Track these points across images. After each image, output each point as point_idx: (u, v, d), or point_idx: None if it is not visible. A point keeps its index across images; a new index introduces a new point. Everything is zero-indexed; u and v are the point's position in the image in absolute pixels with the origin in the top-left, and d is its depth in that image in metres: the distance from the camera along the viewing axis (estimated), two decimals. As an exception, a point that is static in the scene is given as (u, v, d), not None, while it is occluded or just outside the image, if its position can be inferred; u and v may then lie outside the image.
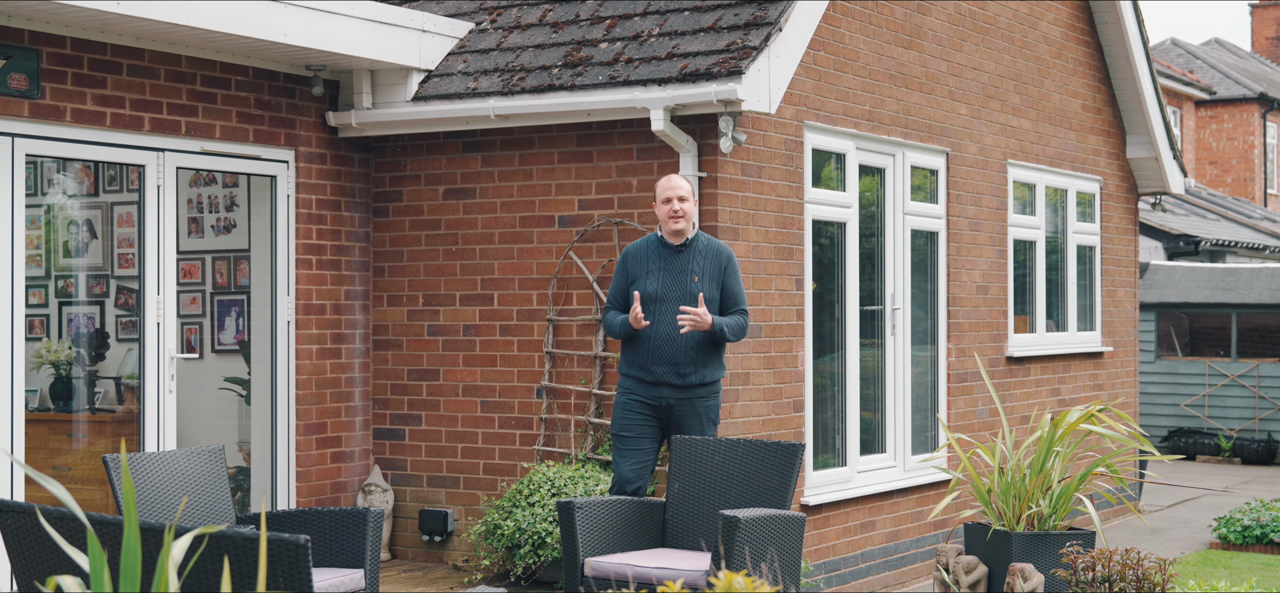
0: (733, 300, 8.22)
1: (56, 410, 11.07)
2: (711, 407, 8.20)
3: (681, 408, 8.12)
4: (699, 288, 8.13)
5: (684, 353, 8.09)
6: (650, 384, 8.13)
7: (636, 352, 8.16)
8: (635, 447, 8.16)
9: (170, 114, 9.19)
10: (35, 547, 5.18)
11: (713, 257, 8.22)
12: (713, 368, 8.18)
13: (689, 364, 8.10)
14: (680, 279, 8.16)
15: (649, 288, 8.17)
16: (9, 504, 5.13)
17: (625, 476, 8.14)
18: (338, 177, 10.22)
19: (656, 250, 8.26)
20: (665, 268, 8.20)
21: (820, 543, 10.04)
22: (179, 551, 4.02)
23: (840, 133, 10.33)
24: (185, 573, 4.20)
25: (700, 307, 8.02)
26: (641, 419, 8.15)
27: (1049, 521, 8.16)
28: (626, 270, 8.30)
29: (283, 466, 9.89)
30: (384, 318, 10.39)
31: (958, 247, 11.63)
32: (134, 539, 3.91)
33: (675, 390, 8.11)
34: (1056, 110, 13.13)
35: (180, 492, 7.09)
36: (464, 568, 9.96)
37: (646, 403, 8.14)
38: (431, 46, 10.11)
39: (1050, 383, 12.97)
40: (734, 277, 8.25)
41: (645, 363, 8.13)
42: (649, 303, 8.14)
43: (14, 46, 8.36)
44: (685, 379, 8.10)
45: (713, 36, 9.36)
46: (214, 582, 4.86)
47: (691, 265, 8.19)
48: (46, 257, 11.41)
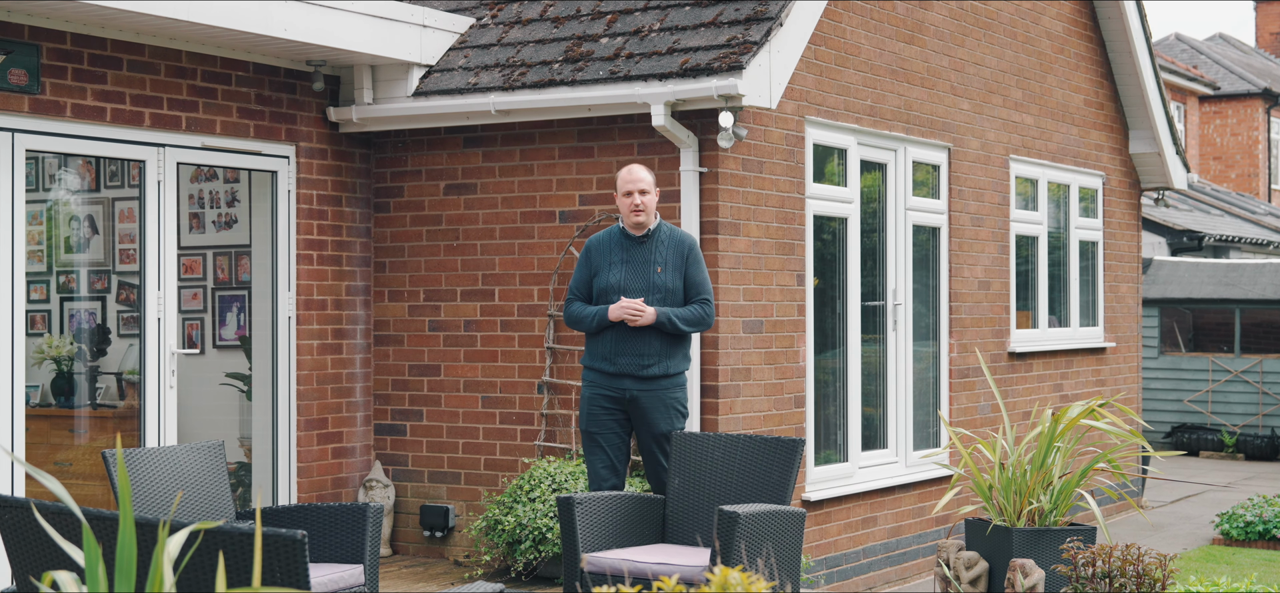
0: (695, 290, 8.15)
1: (58, 406, 11.07)
2: (678, 399, 8.13)
3: (646, 400, 8.05)
4: (662, 279, 8.09)
5: (648, 346, 8.03)
6: (613, 376, 8.08)
7: (600, 344, 8.12)
8: (605, 443, 8.11)
9: (171, 109, 9.18)
10: (33, 542, 5.18)
11: (675, 246, 8.17)
12: (677, 360, 8.12)
13: (652, 356, 8.04)
14: (643, 270, 8.12)
15: (612, 280, 8.12)
16: (6, 500, 5.13)
17: (600, 473, 8.11)
18: (339, 172, 10.21)
19: (619, 242, 8.21)
20: (628, 260, 8.15)
21: (822, 539, 10.03)
22: (174, 546, 4.01)
23: (842, 128, 10.32)
24: (181, 568, 4.19)
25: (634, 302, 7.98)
26: (607, 413, 8.10)
27: (1050, 516, 8.15)
28: (589, 262, 8.24)
29: (284, 461, 9.89)
30: (385, 313, 10.39)
31: (960, 242, 11.62)
32: (129, 534, 3.91)
33: (639, 382, 8.04)
34: (1059, 105, 13.11)
35: (179, 487, 7.09)
36: (465, 564, 9.95)
37: (610, 396, 8.09)
38: (432, 42, 10.10)
39: (1052, 379, 12.96)
40: (697, 266, 8.18)
41: (608, 355, 8.08)
42: (611, 294, 8.10)
43: (14, 42, 8.36)
44: (647, 370, 8.03)
45: (713, 31, 9.35)
46: (209, 578, 4.86)
47: (654, 256, 8.13)
48: (48, 252, 11.41)
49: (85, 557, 3.90)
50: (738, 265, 9.39)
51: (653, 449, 8.11)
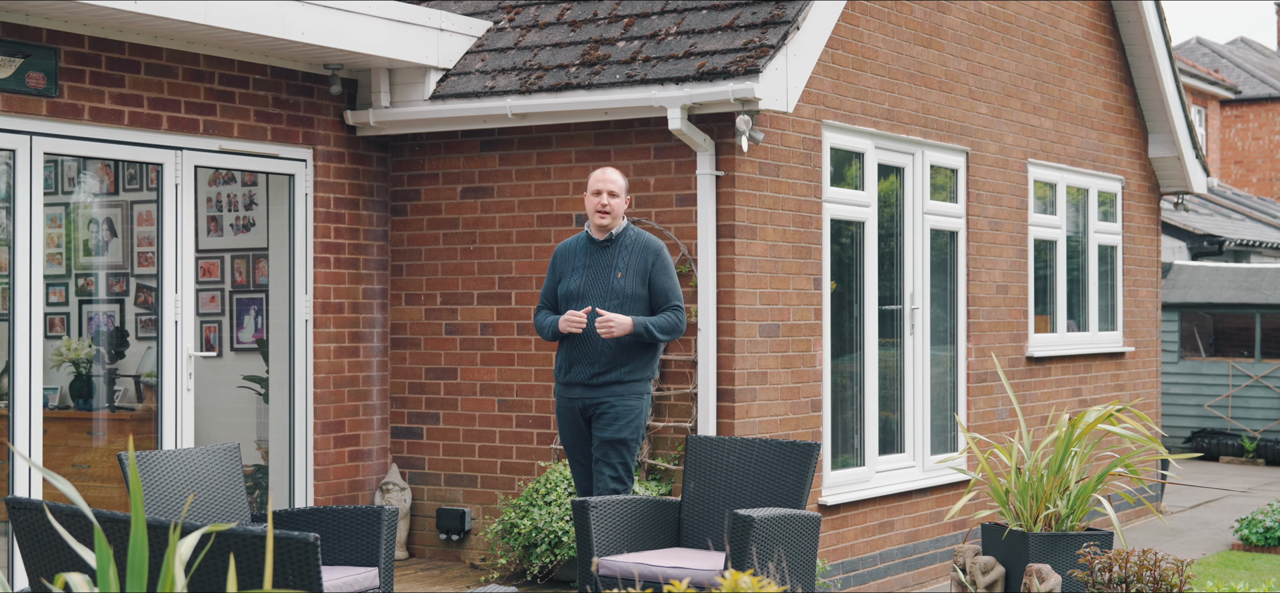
0: (663, 297, 7.96)
1: (76, 408, 11.10)
2: (629, 407, 7.89)
3: (596, 408, 7.90)
4: (622, 284, 7.90)
5: (598, 353, 7.88)
6: (567, 387, 7.98)
7: (559, 353, 8.04)
8: (578, 455, 8.05)
9: (188, 113, 9.21)
10: (46, 544, 5.20)
11: (640, 252, 7.97)
12: (633, 368, 7.91)
13: (603, 364, 7.88)
14: (603, 276, 7.95)
15: (572, 286, 7.97)
16: (19, 502, 5.15)
17: (583, 487, 8.05)
18: (356, 175, 10.23)
19: (584, 246, 8.06)
20: (589, 265, 7.99)
21: (838, 543, 10.01)
22: (186, 548, 4.02)
23: (859, 132, 10.30)
24: (192, 571, 4.20)
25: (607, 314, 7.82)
26: (571, 426, 8.00)
27: (1066, 521, 8.13)
28: (555, 268, 8.12)
29: (300, 464, 9.90)
30: (402, 316, 10.40)
31: (978, 246, 11.59)
32: (140, 536, 3.91)
33: (589, 390, 7.91)
34: (1078, 109, 13.07)
35: (196, 490, 7.10)
36: (481, 567, 9.96)
37: (568, 407, 7.99)
38: (449, 45, 10.11)
39: (1071, 383, 12.92)
40: (664, 272, 7.97)
41: (563, 364, 7.99)
42: (573, 301, 7.95)
43: (32, 45, 8.39)
44: (598, 379, 7.89)
45: (730, 35, 9.34)
46: (222, 580, 4.87)
47: (616, 261, 7.96)
48: (67, 255, 11.45)
49: (97, 559, 3.91)
50: (754, 269, 9.38)
51: (598, 460, 7.91)
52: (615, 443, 7.92)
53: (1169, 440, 18.84)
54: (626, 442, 7.92)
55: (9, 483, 8.44)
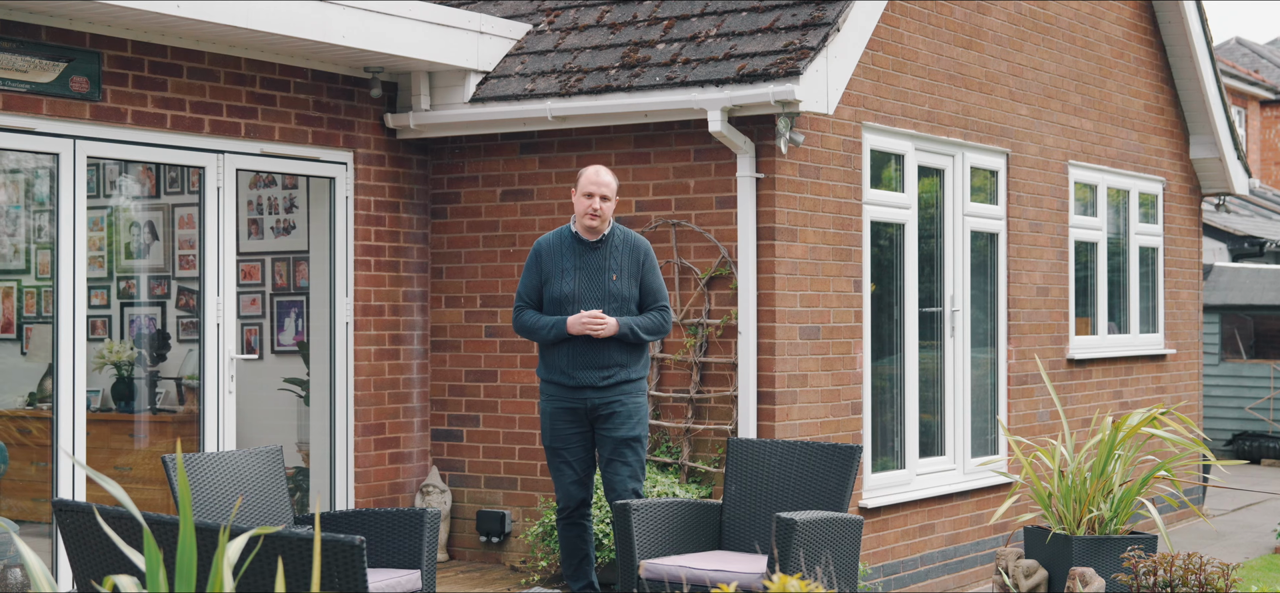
0: (652, 296, 7.94)
1: (118, 411, 11.16)
2: (637, 404, 7.90)
3: (607, 409, 7.86)
4: (617, 286, 7.85)
5: (608, 355, 7.83)
6: (573, 388, 7.87)
7: (557, 356, 7.89)
8: (571, 459, 7.94)
9: (230, 116, 9.24)
10: (93, 546, 5.22)
11: (630, 252, 7.93)
12: (637, 367, 7.91)
13: (613, 365, 7.84)
14: (597, 278, 7.88)
15: (565, 288, 7.88)
16: (68, 504, 5.17)
17: (570, 492, 7.94)
18: (396, 178, 10.25)
19: (571, 247, 7.94)
20: (581, 266, 7.90)
21: (879, 546, 9.98)
22: (234, 551, 4.03)
23: (899, 133, 10.27)
24: (241, 573, 4.21)
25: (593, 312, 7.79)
26: (570, 426, 7.91)
27: (1110, 524, 8.08)
28: (540, 268, 7.96)
29: (341, 466, 9.92)
30: (442, 319, 10.42)
31: (1018, 248, 11.54)
32: (189, 539, 3.92)
33: (599, 392, 7.85)
34: (1118, 110, 13.01)
35: (238, 491, 7.13)
36: (521, 569, 9.96)
37: (572, 408, 7.89)
38: (489, 48, 10.12)
39: (1112, 385, 12.86)
40: (653, 272, 7.96)
41: (567, 368, 7.87)
42: (566, 304, 7.86)
43: (76, 50, 8.43)
44: (609, 379, 7.84)
45: (770, 37, 9.32)
46: (269, 582, 4.88)
47: (608, 262, 7.90)
48: (108, 258, 11.51)
49: (146, 562, 3.92)
50: (794, 271, 9.36)
51: (613, 459, 7.89)
52: (631, 441, 7.88)
53: (1210, 443, 18.73)
54: (640, 439, 7.92)
55: (53, 485, 8.49)
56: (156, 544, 3.86)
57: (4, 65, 8.08)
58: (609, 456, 7.90)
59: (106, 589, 3.99)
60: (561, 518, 8.03)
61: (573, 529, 8.03)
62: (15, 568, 8.62)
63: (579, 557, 8.02)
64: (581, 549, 8.01)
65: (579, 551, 8.02)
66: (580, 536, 8.01)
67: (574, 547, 8.02)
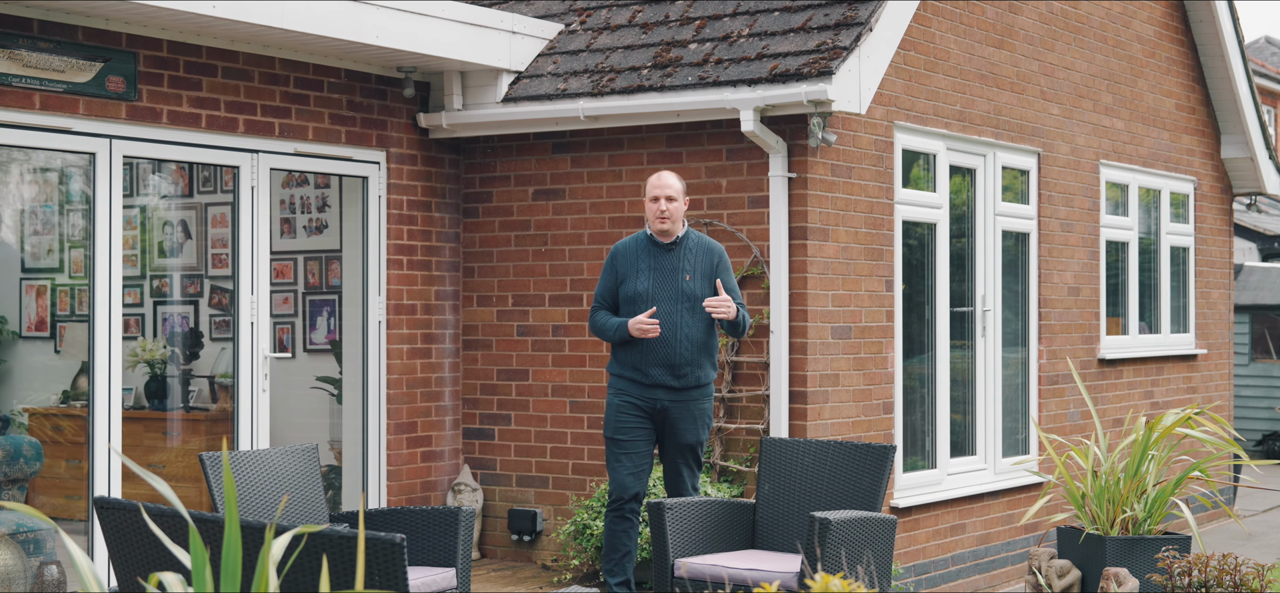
0: (732, 296, 8.09)
1: (151, 409, 11.22)
2: (706, 410, 8.06)
3: (676, 411, 7.98)
4: (691, 286, 8.00)
5: (680, 354, 7.95)
6: (646, 387, 7.99)
7: (630, 353, 8.03)
8: (631, 451, 8.03)
9: (264, 116, 9.28)
10: (135, 544, 5.25)
11: (704, 255, 8.09)
12: (707, 369, 8.06)
13: (686, 365, 7.96)
14: (671, 278, 8.02)
15: (639, 287, 8.03)
16: (110, 501, 5.21)
17: (625, 483, 8.02)
18: (428, 178, 10.28)
19: (646, 249, 8.11)
20: (655, 267, 8.05)
21: (910, 546, 9.98)
22: (278, 549, 4.05)
23: (930, 133, 10.27)
24: (284, 571, 4.24)
25: (721, 295, 7.96)
26: (636, 421, 8.01)
27: (1143, 525, 8.07)
28: (615, 269, 8.15)
29: (373, 464, 9.96)
30: (474, 318, 10.44)
31: (1049, 248, 11.53)
32: (235, 537, 3.95)
33: (671, 393, 7.97)
34: (1150, 110, 12.98)
35: (275, 490, 7.17)
36: (553, 568, 9.99)
37: (640, 406, 8.01)
38: (521, 48, 10.15)
39: (1143, 386, 12.83)
40: (728, 273, 8.12)
41: (640, 365, 7.99)
42: (639, 303, 8.00)
43: (112, 50, 8.48)
44: (682, 381, 7.97)
45: (803, 37, 9.33)
46: (310, 580, 4.90)
47: (682, 263, 8.05)
48: (142, 256, 11.57)
49: (192, 560, 3.95)
50: (826, 271, 9.36)
51: (676, 461, 8.04)
52: (698, 445, 8.08)
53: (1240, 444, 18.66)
54: (704, 443, 8.12)
55: (89, 482, 8.54)
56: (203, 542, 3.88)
57: (41, 65, 8.13)
58: (673, 456, 8.07)
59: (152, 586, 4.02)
60: (611, 509, 8.11)
61: (621, 523, 8.08)
62: (52, 565, 8.67)
63: (621, 552, 8.06)
64: (624, 546, 8.05)
65: (622, 546, 8.06)
66: (626, 531, 8.07)
67: (618, 541, 8.07)
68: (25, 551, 8.67)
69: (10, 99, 8.04)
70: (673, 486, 8.10)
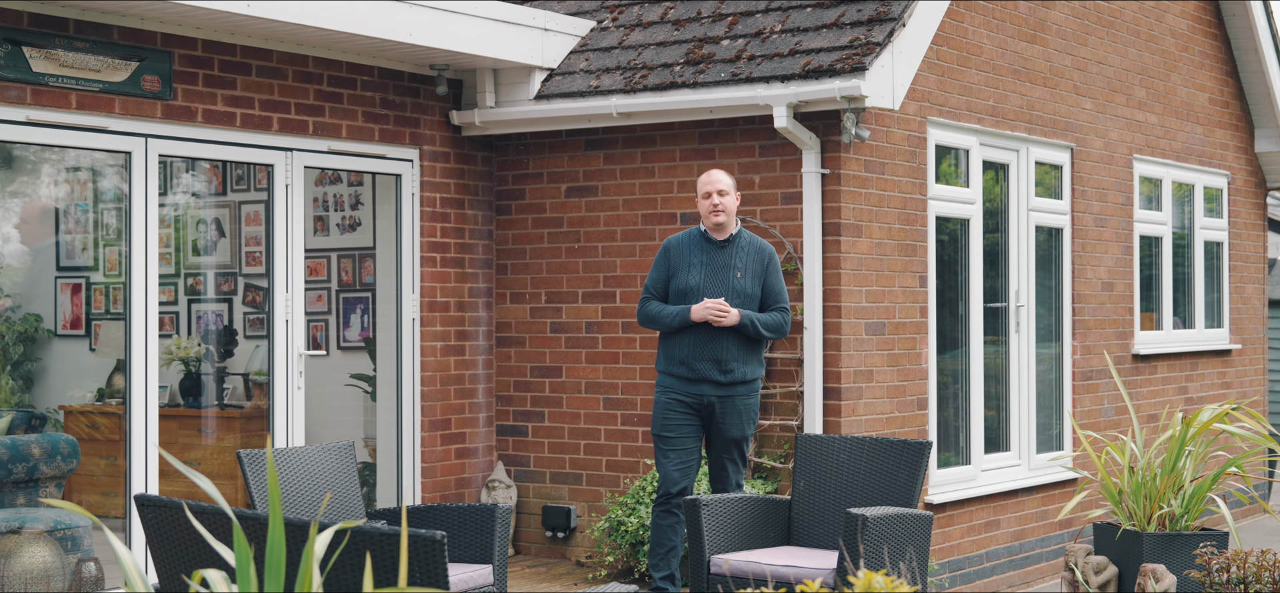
0: (774, 298, 8.20)
1: (185, 406, 11.27)
2: (751, 406, 8.17)
3: (723, 406, 8.08)
4: (741, 284, 8.11)
5: (727, 350, 8.06)
6: (692, 382, 8.09)
7: (677, 348, 8.12)
8: (678, 446, 8.11)
9: (298, 114, 9.31)
10: (176, 541, 5.27)
11: (755, 254, 8.20)
12: (754, 365, 8.16)
13: (733, 361, 8.06)
14: (722, 274, 8.14)
15: (691, 281, 8.14)
16: (152, 499, 5.23)
17: (672, 477, 8.10)
18: (461, 175, 10.30)
19: (699, 244, 8.23)
20: (708, 263, 8.17)
21: (944, 542, 9.96)
22: (320, 546, 4.07)
23: (963, 129, 10.24)
24: (327, 569, 4.25)
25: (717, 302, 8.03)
26: (683, 418, 8.10)
27: (1180, 521, 8.04)
28: (668, 262, 8.26)
29: (408, 461, 9.98)
30: (507, 315, 10.46)
31: (1083, 243, 11.49)
32: (279, 534, 3.97)
33: (717, 388, 8.07)
34: (1183, 104, 12.93)
35: (312, 487, 7.19)
36: (587, 564, 10.00)
37: (686, 401, 8.10)
38: (554, 45, 10.16)
39: (1177, 381, 12.78)
40: (776, 274, 8.22)
41: (687, 359, 8.09)
42: (690, 296, 8.11)
43: (147, 49, 8.51)
44: (728, 376, 8.07)
45: (835, 33, 9.32)
46: (351, 577, 4.92)
47: (734, 261, 8.16)
48: (176, 255, 11.61)
49: (236, 557, 3.96)
50: (860, 267, 9.35)
51: (722, 457, 8.16)
52: (743, 440, 8.17)
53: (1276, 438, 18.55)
54: (749, 438, 8.21)
55: (126, 479, 8.58)
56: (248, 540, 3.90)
57: (78, 65, 8.17)
58: (719, 452, 8.17)
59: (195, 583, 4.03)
60: (658, 503, 8.18)
61: (668, 518, 8.16)
62: (89, 562, 8.71)
63: (667, 547, 8.14)
64: (670, 540, 8.13)
65: (668, 541, 8.14)
66: (673, 526, 8.16)
67: (664, 536, 8.15)
68: (63, 548, 8.72)
69: (47, 98, 8.08)
70: (718, 481, 8.18)
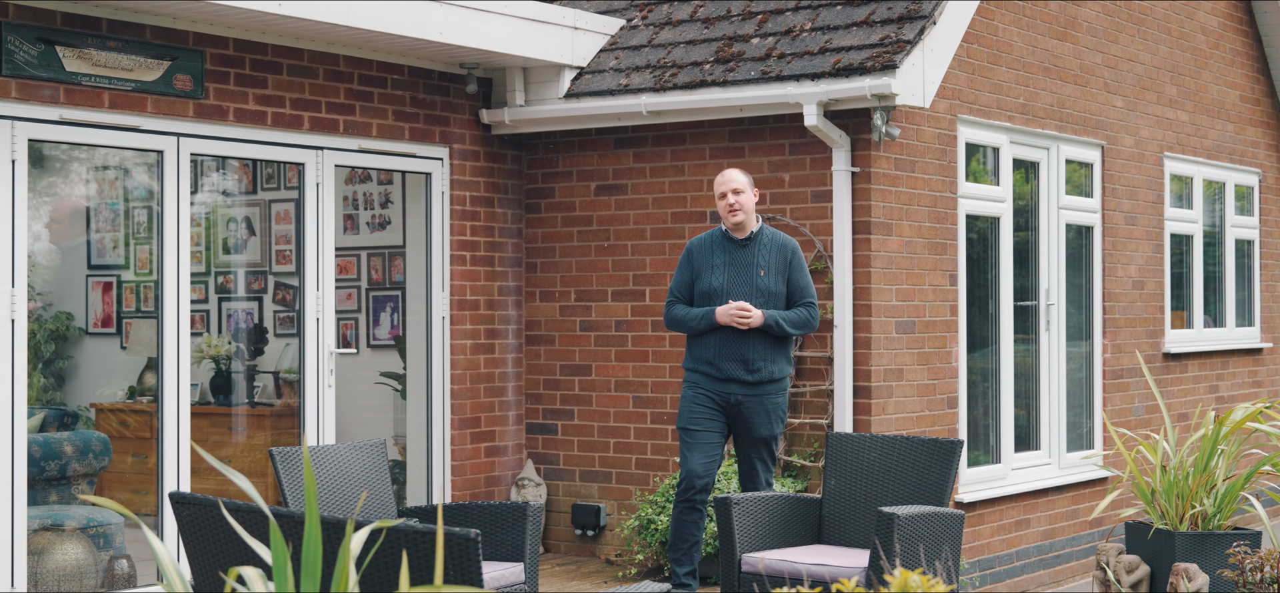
0: (800, 293, 8.17)
1: (216, 404, 11.30)
2: (779, 404, 8.14)
3: (750, 404, 8.06)
4: (765, 282, 8.09)
5: (754, 349, 8.04)
6: (719, 381, 8.08)
7: (705, 348, 8.12)
8: (703, 441, 8.11)
9: (329, 113, 9.33)
10: (210, 539, 5.29)
11: (778, 250, 8.18)
12: (781, 364, 8.13)
13: (759, 360, 8.05)
14: (746, 273, 8.12)
15: (715, 283, 8.14)
16: (186, 497, 5.25)
17: (695, 470, 8.09)
18: (491, 173, 10.31)
19: (721, 244, 8.23)
20: (730, 262, 8.16)
21: (974, 541, 9.94)
22: (356, 545, 4.08)
23: (994, 126, 10.22)
24: (362, 567, 4.26)
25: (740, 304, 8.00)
26: (709, 414, 8.10)
27: (1213, 520, 8.01)
28: (691, 264, 8.26)
29: (438, 459, 10.00)
30: (536, 313, 10.47)
31: (1113, 241, 11.45)
32: (315, 532, 3.98)
33: (744, 387, 8.06)
34: (1214, 102, 12.87)
35: (344, 485, 7.20)
36: (617, 563, 10.00)
37: (713, 399, 8.09)
38: (583, 44, 10.16)
39: (1208, 380, 12.73)
40: (800, 270, 8.19)
41: (714, 359, 8.08)
42: (715, 297, 8.11)
43: (179, 48, 8.54)
44: (756, 375, 8.05)
45: (866, 30, 9.30)
46: (384, 575, 4.93)
47: (757, 259, 8.14)
48: (206, 253, 11.65)
49: (273, 555, 3.98)
50: (890, 265, 9.33)
51: (751, 455, 8.14)
52: (771, 439, 8.14)
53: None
54: (778, 437, 8.19)
55: (159, 477, 8.61)
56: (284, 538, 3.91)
57: (110, 64, 8.20)
58: (748, 450, 8.15)
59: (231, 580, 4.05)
60: (680, 498, 8.17)
61: (690, 513, 8.15)
62: (122, 559, 8.75)
63: (689, 542, 8.14)
64: (692, 536, 8.13)
65: (690, 536, 8.14)
66: (695, 522, 8.15)
67: (686, 531, 8.15)
68: (95, 545, 8.75)
69: (80, 98, 8.12)
70: (747, 480, 8.17)
